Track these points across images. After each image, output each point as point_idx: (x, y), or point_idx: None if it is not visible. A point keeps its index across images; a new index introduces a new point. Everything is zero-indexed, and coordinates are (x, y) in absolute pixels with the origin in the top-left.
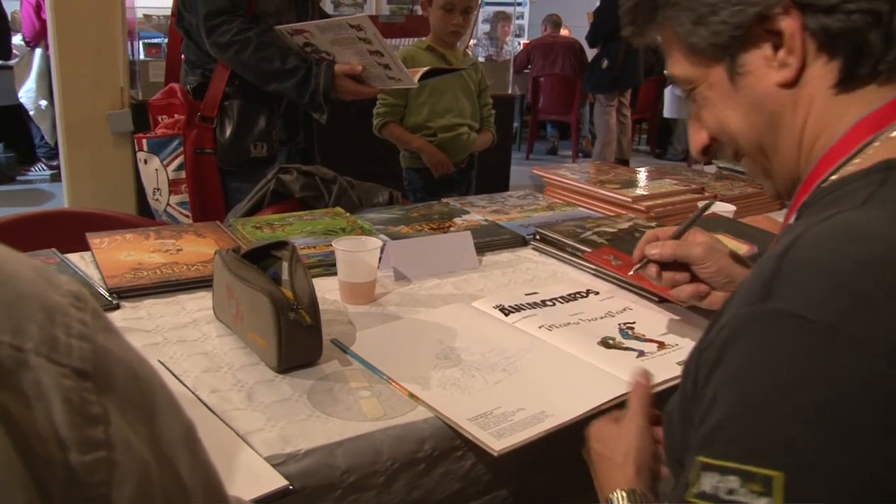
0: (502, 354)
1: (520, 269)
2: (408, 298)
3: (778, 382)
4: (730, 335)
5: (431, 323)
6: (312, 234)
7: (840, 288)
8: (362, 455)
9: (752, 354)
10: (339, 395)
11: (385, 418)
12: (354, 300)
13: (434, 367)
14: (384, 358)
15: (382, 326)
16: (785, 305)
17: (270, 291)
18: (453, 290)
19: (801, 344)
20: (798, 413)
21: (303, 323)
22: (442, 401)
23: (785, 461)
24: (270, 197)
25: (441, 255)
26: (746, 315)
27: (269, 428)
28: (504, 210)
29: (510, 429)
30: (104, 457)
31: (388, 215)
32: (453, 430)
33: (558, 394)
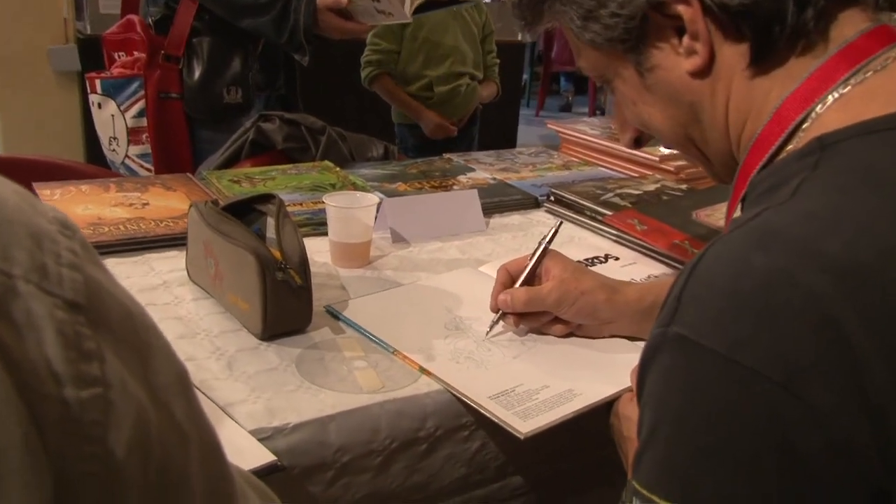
0: (521, 327)
1: (532, 233)
2: (407, 262)
3: (677, 414)
4: (644, 357)
5: (436, 289)
6: (298, 189)
7: (737, 311)
8: (357, 431)
9: (658, 381)
10: (332, 364)
11: (383, 391)
12: (347, 263)
13: (444, 338)
14: (386, 327)
15: (381, 293)
16: (685, 331)
17: (255, 248)
18: (458, 255)
19: (696, 374)
20: (694, 447)
21: (292, 284)
22: (456, 376)
23: (681, 495)
24: (249, 148)
25: (444, 216)
26: (656, 338)
27: (252, 399)
28: (514, 168)
29: (535, 409)
30: (100, 394)
31: (383, 171)
32: (467, 408)
33: (585, 371)
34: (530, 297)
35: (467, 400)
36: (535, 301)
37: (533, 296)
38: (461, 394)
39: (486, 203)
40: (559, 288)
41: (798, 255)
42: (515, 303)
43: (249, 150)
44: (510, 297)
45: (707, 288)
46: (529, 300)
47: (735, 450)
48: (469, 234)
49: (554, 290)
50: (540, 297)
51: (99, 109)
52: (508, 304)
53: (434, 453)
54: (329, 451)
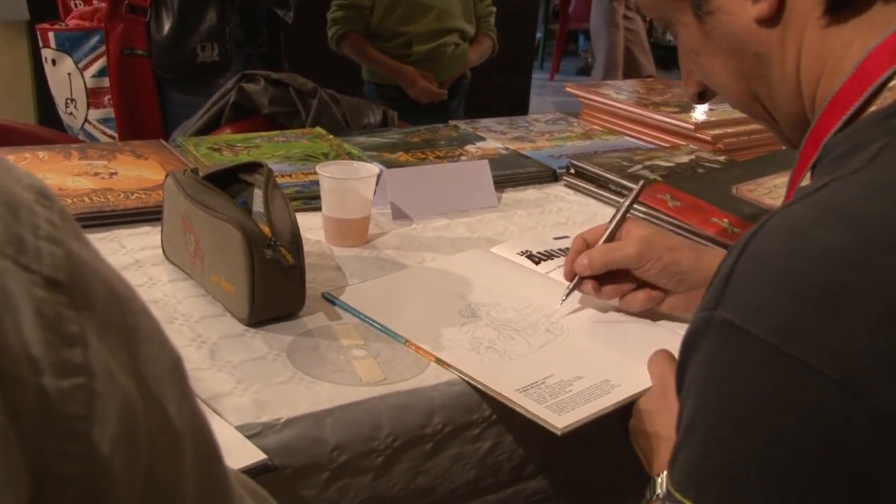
0: (541, 312)
1: (549, 210)
2: (409, 241)
3: (718, 408)
4: (686, 343)
5: (444, 272)
6: (287, 159)
7: (791, 294)
8: (356, 427)
9: (699, 371)
10: (327, 354)
11: (385, 383)
12: (343, 241)
13: (461, 327)
14: (393, 315)
15: (382, 278)
16: (731, 315)
17: (242, 222)
18: (466, 233)
19: (741, 366)
20: (734, 446)
21: (282, 263)
22: (479, 368)
23: (715, 501)
24: (230, 112)
25: (451, 189)
26: (699, 323)
27: (239, 392)
28: (529, 137)
29: (570, 402)
30: (83, 384)
31: (381, 139)
32: (490, 402)
33: (620, 360)
34: (610, 253)
35: (494, 394)
36: (614, 257)
37: (613, 251)
38: (486, 387)
39: (498, 176)
40: (642, 241)
41: (866, 234)
42: (593, 262)
43: (230, 115)
44: (587, 258)
45: (759, 266)
46: (609, 256)
47: (779, 453)
48: (478, 210)
49: (636, 243)
50: (621, 251)
51: (53, 67)
52: (586, 265)
53: (441, 453)
54: (325, 450)
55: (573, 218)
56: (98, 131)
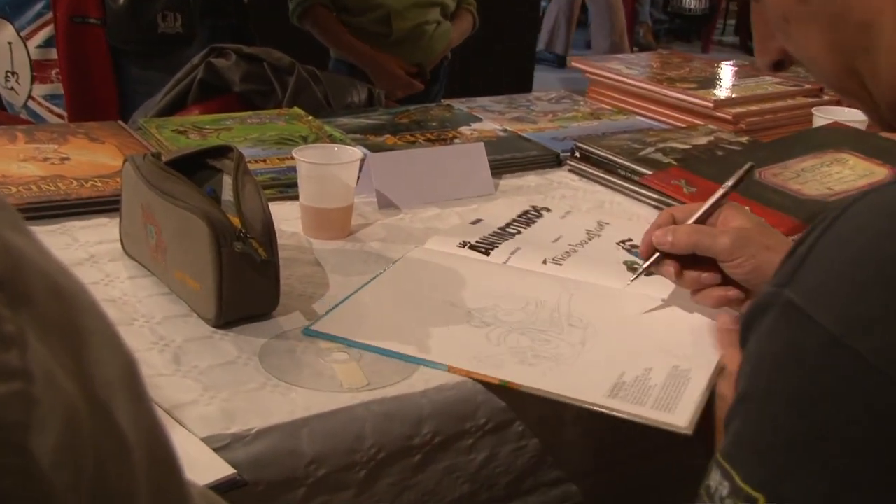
0: (546, 307)
1: (551, 197)
2: (397, 232)
3: (766, 390)
4: (749, 314)
5: (409, 279)
6: (261, 143)
7: (868, 282)
8: (336, 438)
9: (756, 346)
10: (304, 357)
11: (368, 389)
12: (322, 233)
13: (486, 339)
14: (403, 337)
15: (358, 293)
16: (798, 298)
17: (208, 212)
18: (459, 223)
19: (797, 352)
20: (786, 431)
21: (254, 258)
22: (549, 381)
23: (766, 485)
24: (198, 90)
25: (443, 175)
26: (766, 297)
27: (206, 400)
28: (530, 117)
29: (666, 397)
30: (21, 390)
31: (367, 121)
32: (492, 411)
33: (668, 343)
34: (699, 235)
35: (588, 405)
36: (703, 241)
37: (703, 234)
38: (579, 401)
39: (496, 160)
40: (738, 232)
41: None
42: (678, 239)
43: (198, 93)
44: (671, 235)
45: (840, 248)
46: (697, 237)
47: (826, 445)
48: (473, 198)
49: (731, 233)
50: (712, 237)
51: None
52: (670, 241)
53: (431, 465)
54: (301, 463)
55: (578, 206)
56: (43, 109)
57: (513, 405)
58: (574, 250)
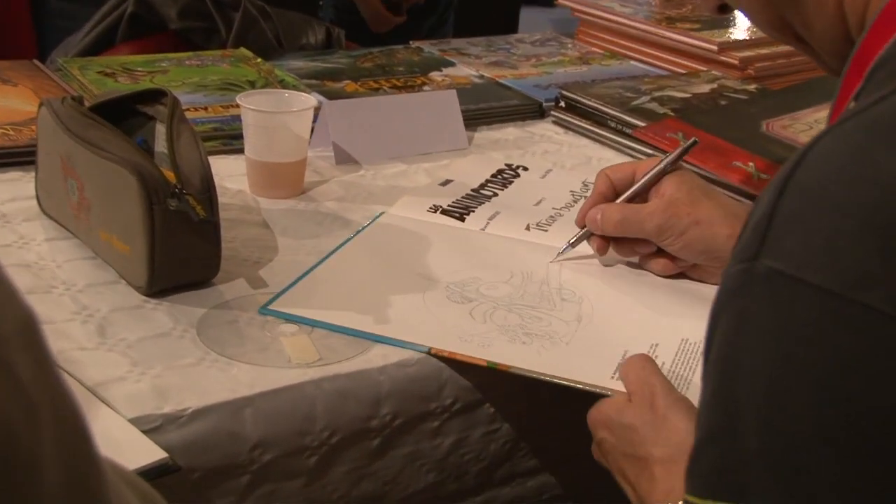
0: (534, 279)
1: (532, 153)
2: (356, 191)
3: (769, 383)
4: (716, 308)
5: (376, 248)
6: (202, 87)
7: (859, 232)
8: (284, 420)
9: (737, 340)
10: (248, 329)
11: (319, 364)
12: (272, 191)
13: (469, 316)
14: (377, 316)
15: (320, 268)
16: (780, 263)
17: (138, 165)
18: (428, 182)
19: (802, 324)
20: (798, 428)
21: (191, 217)
22: (541, 361)
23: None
24: (127, 26)
25: (409, 127)
26: (734, 278)
27: (135, 377)
28: (510, 62)
29: (678, 376)
30: None
31: (324, 64)
32: (459, 390)
33: (676, 312)
34: (625, 217)
35: (594, 389)
36: (630, 223)
37: (629, 216)
38: (581, 384)
39: (470, 111)
40: (665, 211)
41: None
42: (605, 222)
43: (128, 30)
44: (601, 215)
45: (810, 201)
46: (624, 221)
47: (859, 429)
48: (444, 153)
49: (657, 214)
50: (638, 218)
51: None
52: (598, 222)
53: (391, 451)
54: (244, 448)
55: (562, 162)
56: None
57: (482, 383)
58: (559, 214)
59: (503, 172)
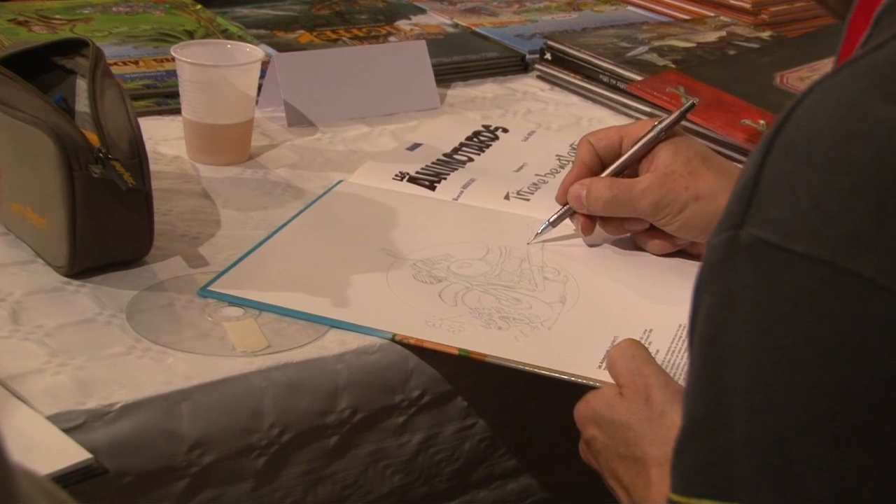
0: (513, 256)
1: (514, 112)
2: (312, 157)
3: (754, 368)
4: (699, 281)
5: (334, 224)
6: (132, 39)
7: (851, 194)
8: (227, 415)
9: (723, 318)
10: (186, 313)
11: (268, 352)
12: (213, 156)
13: (438, 298)
14: (334, 299)
15: (259, 249)
16: (765, 232)
17: (55, 125)
18: (394, 147)
19: (789, 298)
20: (788, 415)
21: (118, 185)
22: (519, 348)
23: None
24: None
25: (373, 84)
26: (718, 250)
27: (54, 369)
28: (489, 9)
29: (674, 365)
30: None
31: (274, 11)
32: (430, 380)
33: (673, 294)
34: (615, 196)
35: (579, 380)
36: (621, 202)
37: (620, 193)
38: (565, 374)
39: (442, 64)
40: (661, 186)
41: None
42: (592, 201)
43: None
44: (586, 192)
45: (798, 159)
46: (613, 200)
47: (855, 412)
48: (413, 113)
49: (651, 190)
50: (630, 196)
51: None
52: (582, 200)
53: (350, 450)
54: (181, 448)
55: (547, 122)
56: None
57: (454, 373)
58: (544, 181)
59: (480, 135)
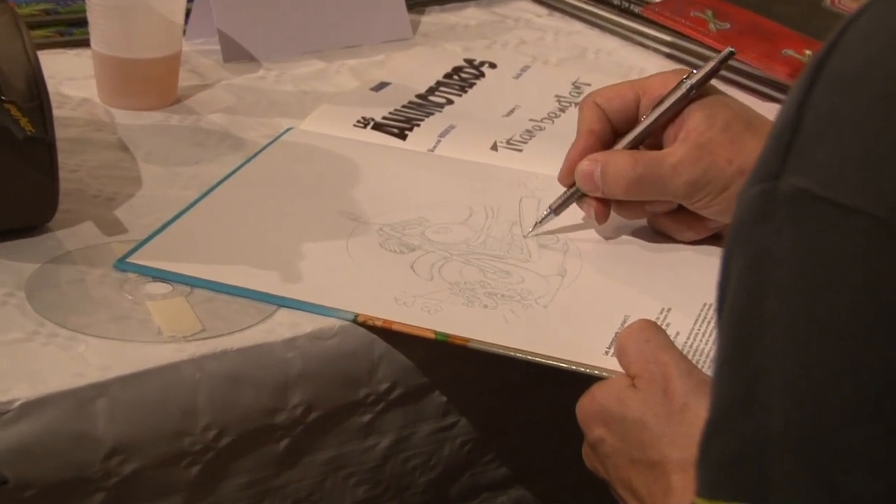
0: (502, 219)
1: (502, 44)
2: (254, 100)
3: (797, 344)
4: (730, 238)
5: (282, 181)
6: None
7: None
8: (152, 415)
9: (753, 281)
10: (101, 290)
11: (202, 337)
12: (132, 99)
13: (410, 270)
14: (275, 271)
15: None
16: (807, 182)
17: None
18: (356, 86)
19: (836, 261)
20: (835, 399)
21: (13, 133)
22: (509, 331)
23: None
24: None
25: (329, 9)
26: (751, 203)
27: None
28: None
29: (697, 352)
30: None
31: None
32: (412, 372)
33: (695, 267)
34: (642, 175)
35: (582, 370)
36: (649, 182)
37: (647, 171)
38: (564, 363)
39: None
40: (698, 160)
41: None
42: (611, 182)
43: None
44: (599, 169)
45: (850, 96)
46: (639, 180)
47: None
48: (378, 45)
49: (687, 165)
50: (659, 174)
51: None
52: (596, 181)
53: (305, 457)
54: (96, 455)
55: (545, 56)
56: None
57: (430, 362)
58: (539, 128)
59: (461, 71)
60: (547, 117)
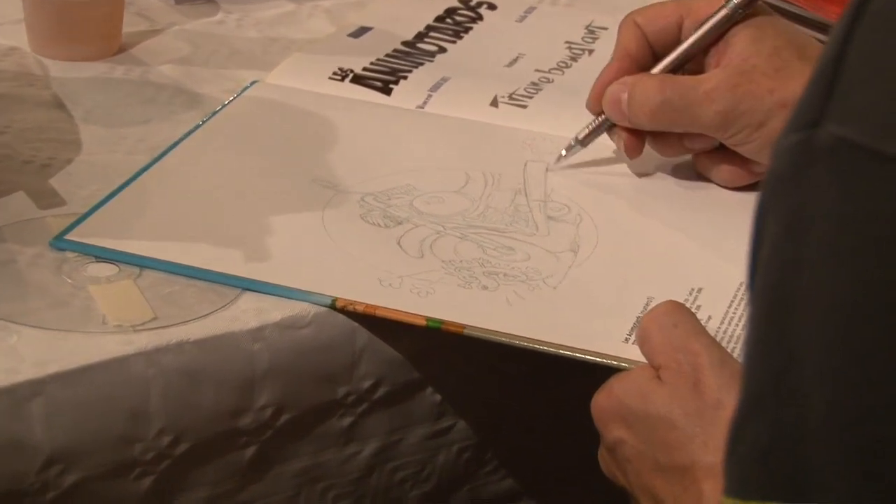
0: (504, 186)
1: None
2: (210, 48)
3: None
4: (763, 195)
5: (246, 143)
6: None
7: None
8: (97, 417)
9: (789, 244)
10: (35, 273)
11: (154, 326)
12: (68, 48)
13: (397, 247)
14: (238, 248)
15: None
16: (849, 131)
17: None
18: (331, 31)
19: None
20: (876, 373)
21: None
22: (513, 317)
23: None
24: None
25: None
26: (786, 155)
27: None
28: None
29: (733, 339)
30: None
31: None
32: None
33: (727, 239)
34: (668, 100)
35: (599, 361)
36: (675, 108)
37: (675, 97)
38: (578, 352)
39: None
40: (734, 88)
41: None
42: (636, 107)
43: None
44: (627, 95)
45: (888, 47)
46: (665, 105)
47: None
48: None
49: (720, 92)
50: (689, 101)
51: None
52: (623, 107)
53: (274, 466)
54: (31, 464)
55: None
56: None
57: (420, 354)
58: (547, 80)
59: (455, 13)
60: (556, 67)
